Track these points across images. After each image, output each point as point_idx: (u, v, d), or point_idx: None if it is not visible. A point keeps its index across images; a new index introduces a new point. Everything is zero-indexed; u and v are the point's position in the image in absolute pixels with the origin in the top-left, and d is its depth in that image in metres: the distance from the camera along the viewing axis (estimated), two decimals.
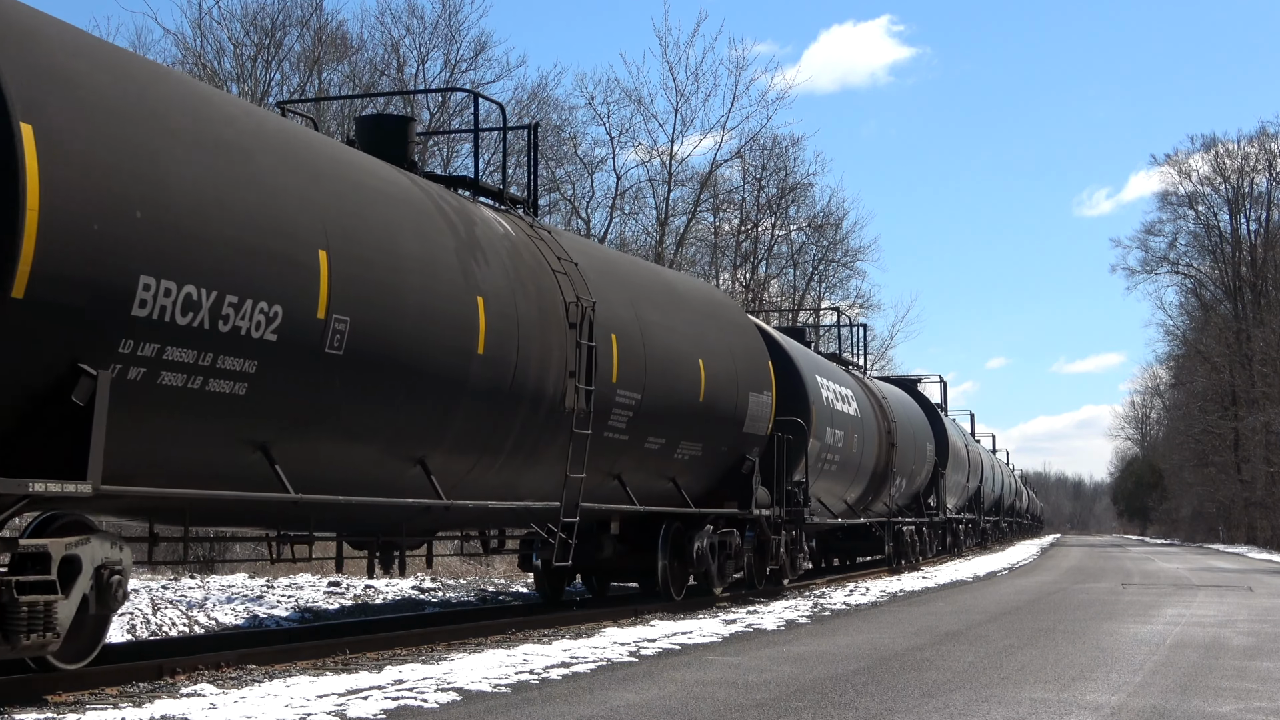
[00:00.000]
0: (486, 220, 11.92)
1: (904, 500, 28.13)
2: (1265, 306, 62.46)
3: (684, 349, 14.95)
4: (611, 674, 9.45)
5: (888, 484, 25.65)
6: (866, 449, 23.25)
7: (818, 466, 20.09)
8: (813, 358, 21.80)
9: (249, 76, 33.12)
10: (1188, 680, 9.46)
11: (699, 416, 15.11)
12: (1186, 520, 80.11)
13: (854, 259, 49.55)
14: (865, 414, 23.44)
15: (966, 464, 37.76)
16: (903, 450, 26.36)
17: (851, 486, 23.23)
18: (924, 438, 29.55)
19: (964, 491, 38.09)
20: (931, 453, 30.31)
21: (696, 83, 56.36)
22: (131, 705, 7.64)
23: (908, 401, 29.77)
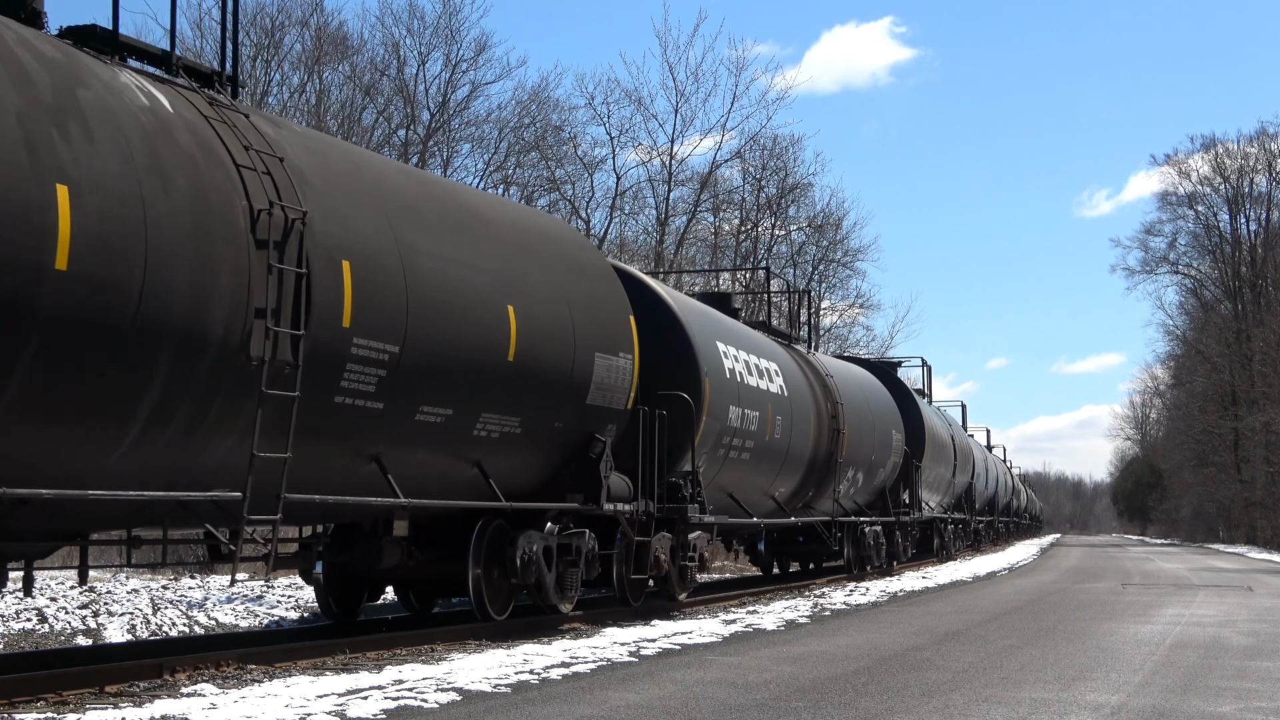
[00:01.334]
0: (111, 85, 8.31)
1: (866, 496, 24.67)
2: (1265, 306, 62.47)
3: (481, 289, 11.19)
4: (611, 674, 9.45)
5: (834, 477, 21.78)
6: (798, 434, 19.49)
7: (718, 453, 16.42)
8: (715, 320, 17.54)
9: (249, 77, 33.12)
10: (1188, 680, 9.46)
11: (509, 381, 11.37)
12: (1186, 520, 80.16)
13: (854, 259, 49.55)
14: (796, 393, 19.72)
15: (952, 458, 34.18)
16: (856, 438, 22.60)
17: (780, 479, 19.46)
18: (889, 425, 25.62)
19: (949, 488, 34.52)
20: (900, 443, 26.44)
21: (696, 83, 56.45)
22: (131, 705, 7.64)
23: (869, 383, 25.66)
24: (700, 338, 15.76)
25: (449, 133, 36.69)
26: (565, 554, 12.95)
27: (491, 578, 12.23)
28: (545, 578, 12.59)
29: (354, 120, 35.39)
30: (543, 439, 12.34)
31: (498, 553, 12.23)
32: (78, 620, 13.64)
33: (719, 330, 17.12)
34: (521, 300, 11.68)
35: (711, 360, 15.96)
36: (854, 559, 23.60)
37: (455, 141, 37.25)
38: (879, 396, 25.69)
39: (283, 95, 34.24)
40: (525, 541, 12.29)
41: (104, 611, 14.00)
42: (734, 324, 18.75)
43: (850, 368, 25.68)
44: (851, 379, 24.10)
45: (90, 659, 9.97)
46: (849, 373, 24.56)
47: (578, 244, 14.22)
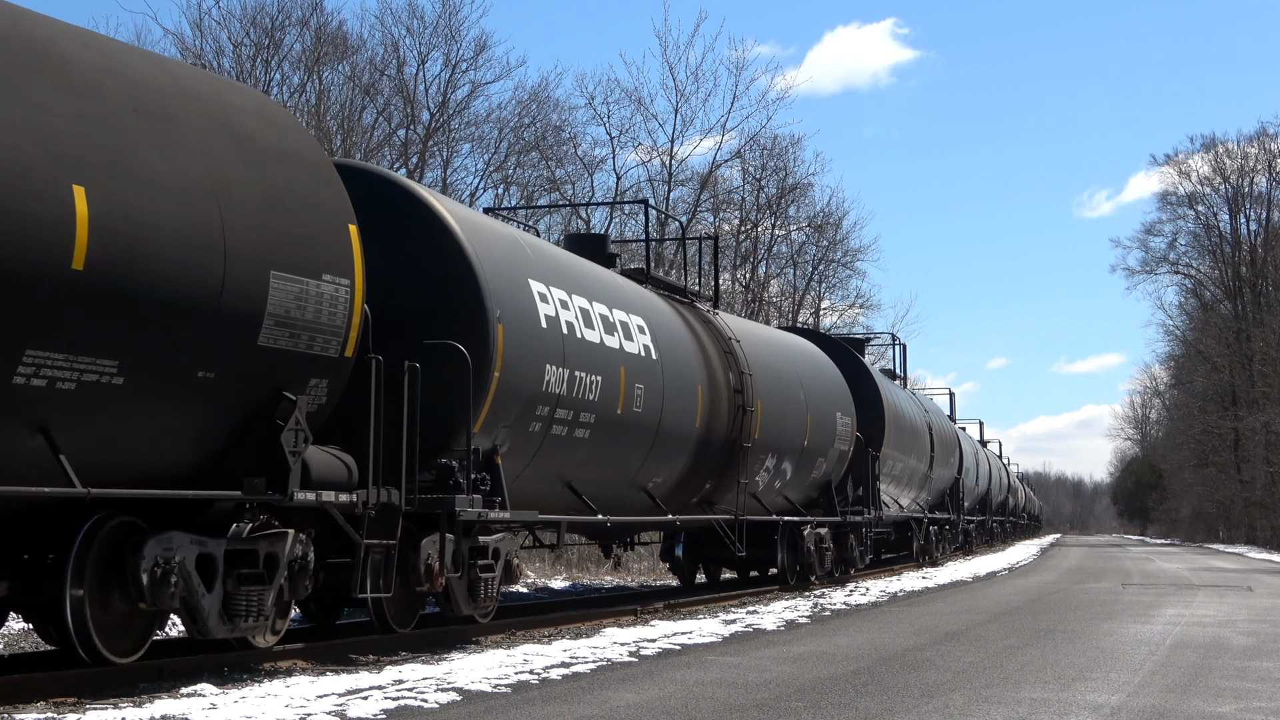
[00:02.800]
0: None
1: (802, 492, 20.39)
2: (1265, 306, 62.49)
3: (18, 158, 7.33)
4: (611, 674, 9.45)
5: (741, 466, 17.27)
6: (675, 409, 15.03)
7: (531, 428, 12.03)
8: (535, 253, 13.00)
9: (249, 77, 33.12)
10: (1188, 680, 9.46)
11: (84, 300, 7.52)
12: (1186, 520, 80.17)
13: (854, 259, 49.53)
14: (674, 357, 15.25)
15: (928, 449, 29.62)
16: (775, 419, 18.24)
17: (651, 466, 14.91)
18: (832, 406, 20.97)
19: (926, 483, 30.17)
20: (850, 428, 21.84)
21: (696, 83, 56.34)
22: (131, 705, 7.64)
23: (804, 356, 21.00)
24: (493, 269, 11.46)
25: (449, 133, 36.67)
26: (243, 564, 9.15)
27: (108, 603, 8.44)
28: (200, 600, 8.77)
29: (354, 120, 35.38)
30: (175, 396, 8.30)
31: (116, 567, 8.43)
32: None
33: (538, 266, 12.60)
34: (103, 181, 7.67)
35: (513, 301, 11.65)
36: (789, 567, 19.71)
37: (455, 141, 37.23)
38: (818, 372, 21.13)
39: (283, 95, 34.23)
40: (157, 548, 8.44)
41: None
42: (580, 264, 14.23)
43: (776, 335, 21.08)
44: (773, 348, 19.51)
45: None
46: (770, 341, 19.91)
47: (262, 117, 9.52)
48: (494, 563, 11.79)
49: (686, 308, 17.27)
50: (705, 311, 17.80)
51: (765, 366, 18.28)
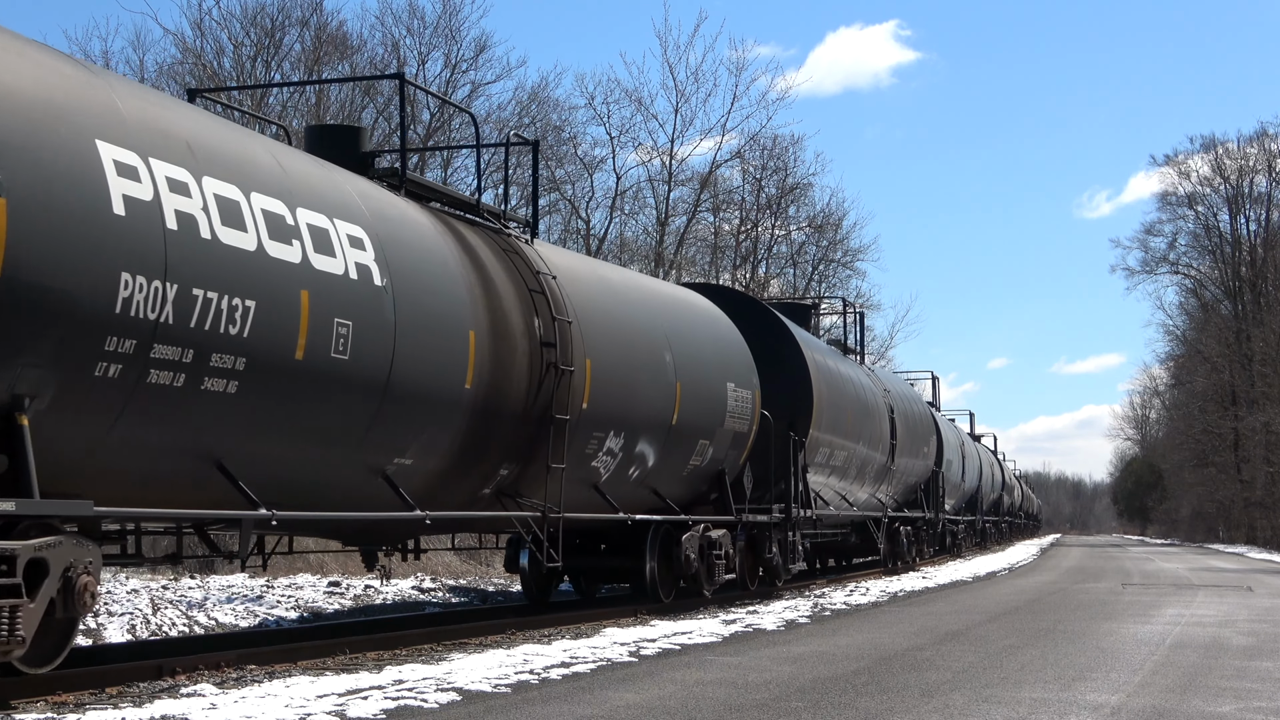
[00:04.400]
0: None
1: (679, 485, 15.75)
2: (1265, 306, 62.49)
3: None
4: (611, 674, 9.45)
5: (555, 445, 12.50)
6: (422, 360, 10.57)
7: (76, 370, 7.68)
8: (110, 94, 8.33)
9: (249, 77, 33.13)
10: (1188, 680, 9.47)
11: None
12: (1186, 520, 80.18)
13: (854, 259, 49.51)
14: (423, 284, 10.76)
15: (886, 434, 24.58)
16: (617, 383, 13.68)
17: (376, 442, 10.37)
18: (719, 373, 16.14)
19: (887, 476, 25.40)
20: (747, 402, 16.78)
21: (697, 83, 56.33)
22: (131, 705, 7.64)
23: (683, 309, 16.24)
24: None
25: (449, 133, 36.68)
26: None
27: None
28: None
29: (354, 120, 35.36)
30: None
31: None
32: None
33: (133, 129, 8.27)
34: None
35: (43, 164, 7.45)
36: (660, 579, 15.47)
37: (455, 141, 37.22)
38: (701, 331, 16.22)
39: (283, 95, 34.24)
40: None
41: (104, 611, 13.99)
42: (247, 147, 9.58)
43: (629, 278, 16.22)
44: (620, 294, 14.70)
45: (90, 659, 9.97)
46: (616, 284, 14.95)
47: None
48: (21, 583, 7.22)
49: (477, 231, 12.37)
50: (513, 238, 12.93)
51: (603, 315, 13.69)
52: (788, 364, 19.02)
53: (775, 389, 18.11)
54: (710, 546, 16.11)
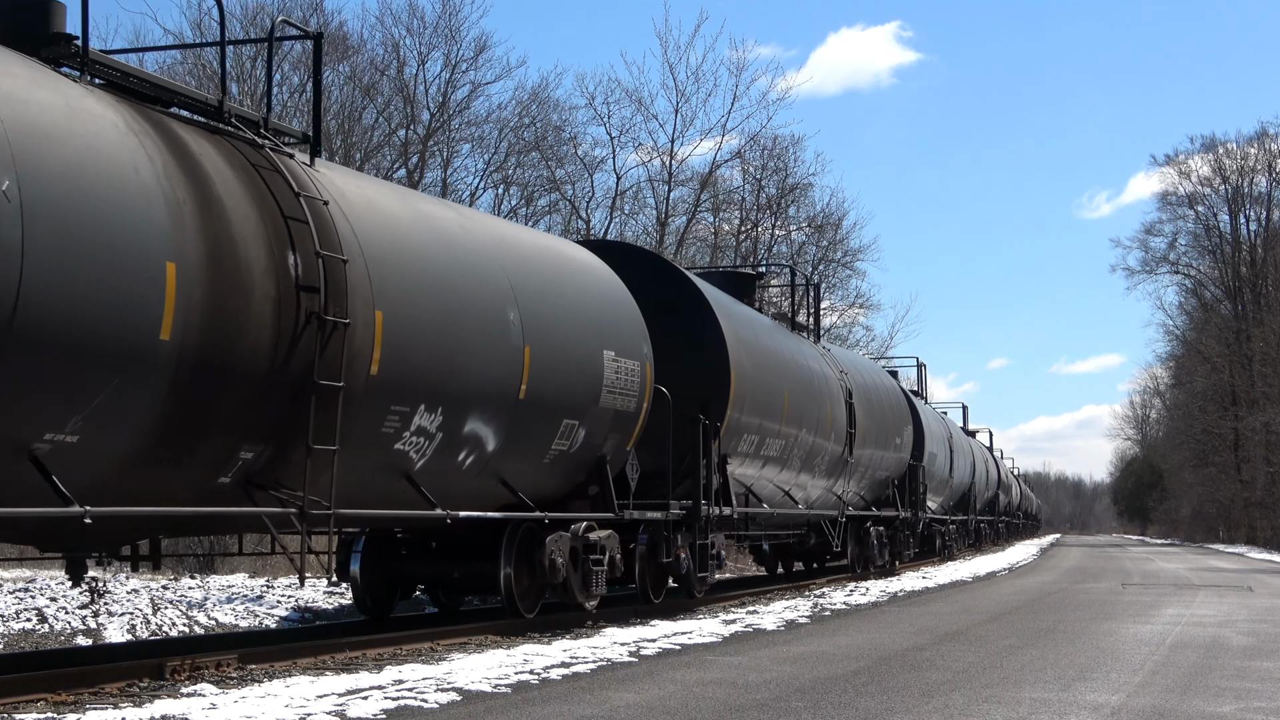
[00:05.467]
0: None
1: (547, 477, 12.89)
2: (1265, 306, 62.50)
3: None
4: (611, 674, 9.45)
5: (313, 419, 9.39)
6: (77, 297, 7.63)
7: None
8: None
9: (249, 76, 33.14)
10: (1188, 680, 9.47)
11: None
12: (1186, 520, 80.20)
13: (854, 259, 49.47)
14: (80, 194, 7.76)
15: (843, 422, 21.63)
16: (429, 342, 10.67)
17: None
18: (595, 337, 13.27)
19: (848, 470, 22.19)
20: (634, 374, 13.77)
21: (697, 83, 56.21)
22: (131, 705, 7.64)
23: (538, 257, 13.11)
24: None
25: (449, 133, 36.71)
26: None
27: None
28: None
29: (354, 120, 35.40)
30: None
31: None
32: (78, 620, 13.64)
33: None
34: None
35: None
36: (520, 592, 12.70)
37: (455, 142, 37.27)
38: (565, 287, 13.21)
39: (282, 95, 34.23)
40: None
41: (104, 611, 14.00)
42: None
43: (467, 218, 12.58)
44: (450, 235, 11.55)
45: (90, 659, 9.97)
46: (447, 222, 11.78)
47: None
48: None
49: (216, 140, 9.47)
50: (272, 152, 9.89)
51: (408, 257, 10.65)
52: (701, 335, 15.94)
53: (684, 364, 15.26)
54: (588, 550, 13.26)
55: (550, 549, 12.65)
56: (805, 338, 22.21)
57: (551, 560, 12.64)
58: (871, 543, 24.38)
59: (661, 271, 16.34)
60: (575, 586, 13.13)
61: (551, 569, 12.65)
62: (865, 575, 23.94)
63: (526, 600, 12.81)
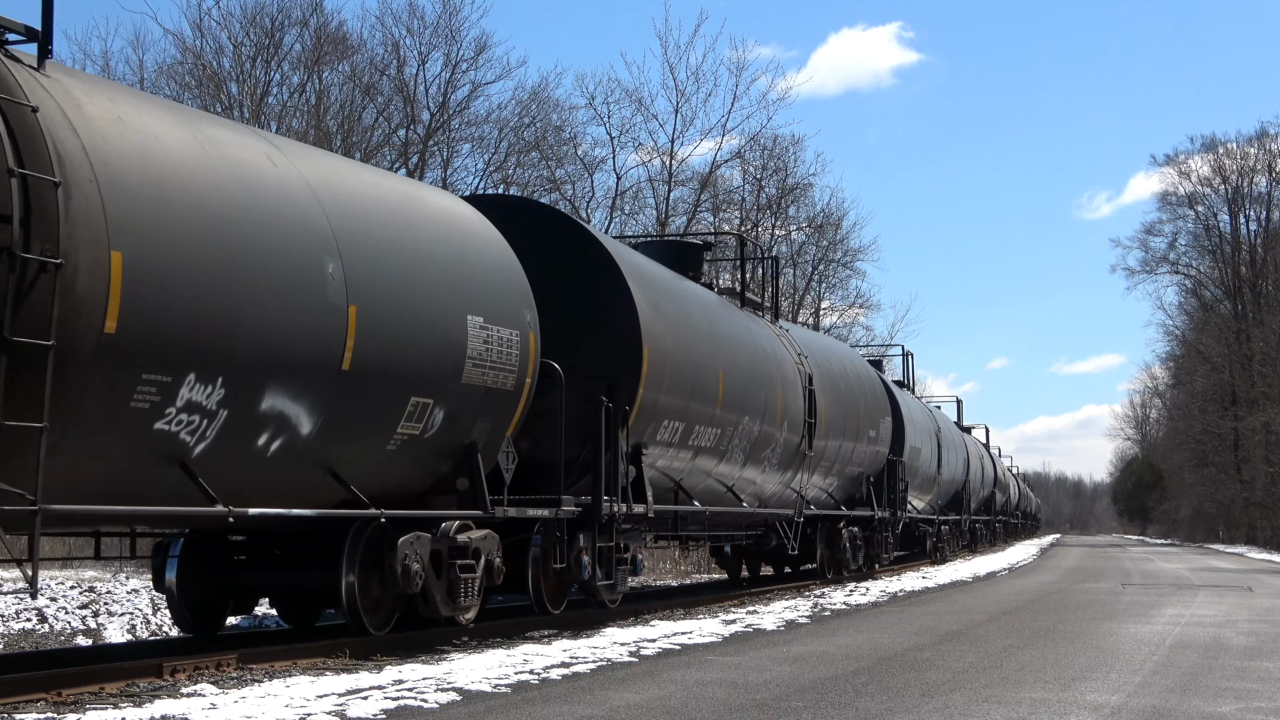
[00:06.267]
0: None
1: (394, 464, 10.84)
2: (1265, 306, 62.57)
3: None
4: (611, 674, 9.45)
5: None
6: None
7: None
8: None
9: (248, 76, 33.16)
10: (1188, 680, 9.47)
11: None
12: (1186, 520, 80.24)
13: (854, 259, 49.49)
14: None
15: (799, 406, 19.00)
16: (176, 287, 8.27)
17: None
18: (452, 297, 11.02)
19: (808, 464, 19.75)
20: (513, 341, 11.65)
21: (697, 83, 56.20)
22: (131, 705, 7.64)
23: (381, 199, 10.77)
24: None
25: (449, 133, 36.70)
26: None
27: None
28: None
29: (354, 120, 35.40)
30: None
31: None
32: (78, 620, 13.65)
33: None
34: None
35: None
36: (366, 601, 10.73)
37: (455, 141, 37.26)
38: (431, 240, 11.10)
39: (282, 95, 34.26)
40: None
41: (104, 611, 14.01)
42: None
43: (279, 147, 10.08)
44: (241, 166, 9.24)
45: (90, 659, 9.97)
46: (244, 152, 9.44)
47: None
48: None
49: None
50: None
51: (172, 188, 8.45)
52: (608, 304, 13.54)
53: (585, 337, 13.43)
54: (456, 554, 11.19)
55: (403, 553, 10.60)
56: (761, 316, 19.78)
57: (404, 566, 10.59)
58: (843, 545, 22.34)
59: (561, 230, 13.90)
60: (437, 597, 11.03)
61: (404, 576, 10.60)
62: (838, 580, 21.98)
63: (377, 614, 10.81)
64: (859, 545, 23.16)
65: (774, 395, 17.92)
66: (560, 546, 12.75)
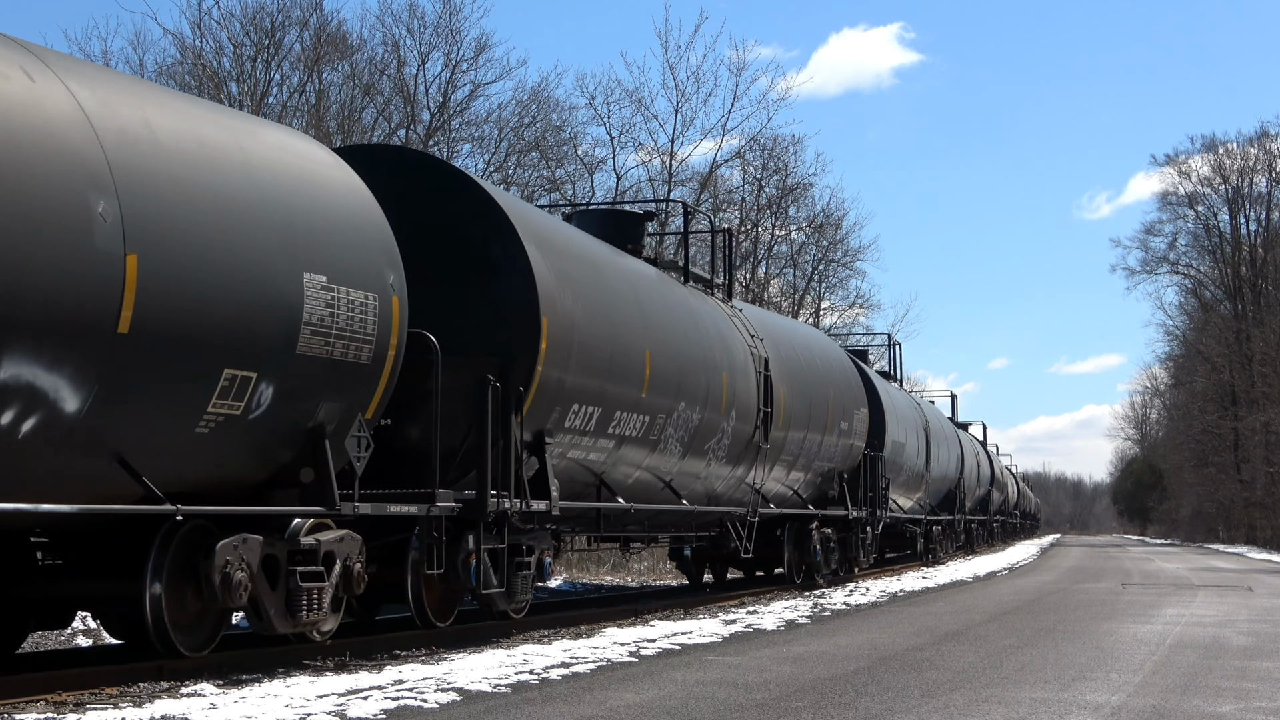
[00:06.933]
0: None
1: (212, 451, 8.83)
2: (1265, 306, 62.55)
3: None
4: (611, 674, 9.45)
5: None
6: None
7: None
8: None
9: (249, 76, 33.16)
10: (1188, 680, 9.47)
11: None
12: (1186, 520, 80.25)
13: (854, 259, 49.50)
14: None
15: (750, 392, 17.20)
16: None
17: None
18: (271, 232, 8.97)
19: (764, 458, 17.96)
20: (355, 304, 9.45)
21: (697, 83, 56.20)
22: (131, 705, 7.64)
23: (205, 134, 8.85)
24: None
25: (449, 133, 36.68)
26: None
27: None
28: None
29: (354, 120, 35.39)
30: None
31: None
32: (78, 620, 13.63)
33: None
34: None
35: None
36: (165, 616, 8.78)
37: (455, 141, 37.23)
38: (249, 181, 9.02)
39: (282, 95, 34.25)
40: None
41: None
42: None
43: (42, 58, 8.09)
44: None
45: (90, 659, 9.97)
46: None
47: None
48: None
49: None
50: None
51: None
52: (499, 268, 11.75)
53: (471, 306, 11.67)
54: (299, 560, 9.38)
55: (222, 559, 8.72)
56: (711, 294, 17.86)
57: (224, 575, 8.72)
58: (813, 547, 20.43)
59: (448, 185, 12.01)
60: (271, 612, 9.20)
61: (224, 587, 8.72)
62: (808, 586, 20.33)
63: (193, 632, 9.06)
64: (832, 548, 21.42)
65: (718, 379, 16.04)
66: (438, 549, 10.67)
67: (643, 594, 19.95)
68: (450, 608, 11.88)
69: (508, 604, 12.15)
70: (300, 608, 9.38)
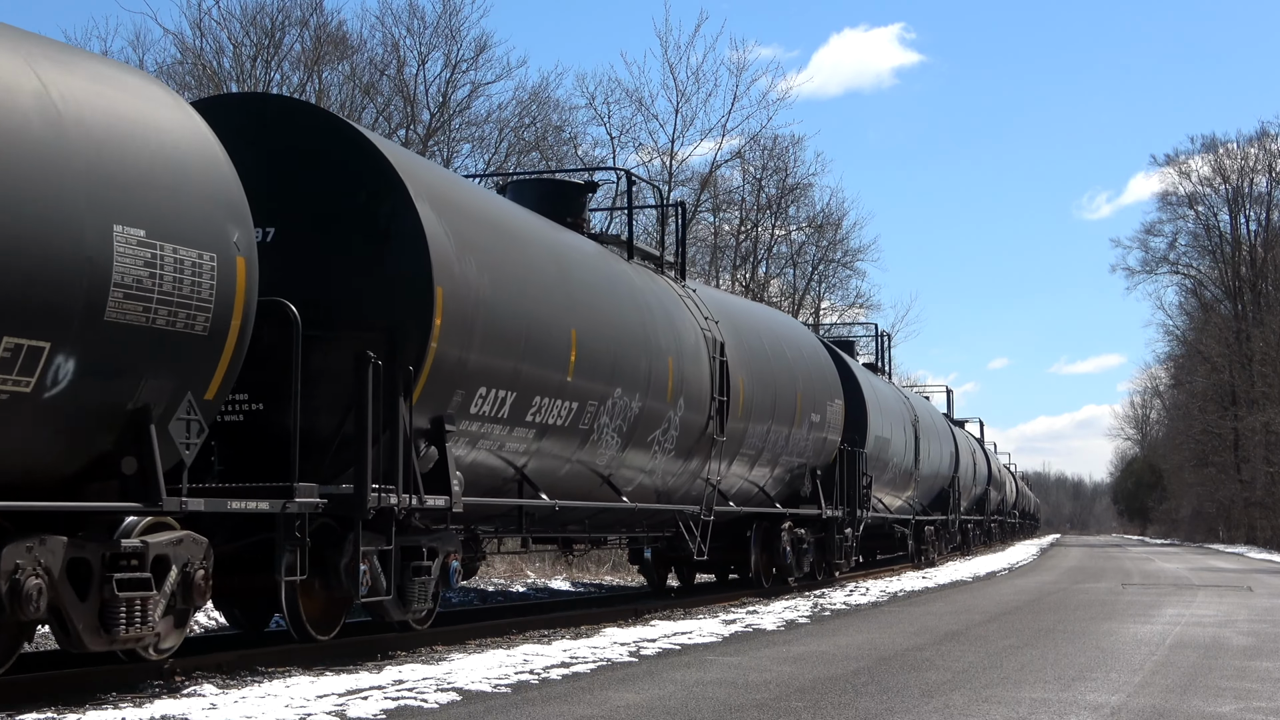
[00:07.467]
0: None
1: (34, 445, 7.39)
2: (1265, 306, 62.56)
3: None
4: (611, 674, 9.45)
5: None
6: None
7: None
8: None
9: (249, 76, 33.15)
10: (1188, 680, 9.47)
11: None
12: (1186, 520, 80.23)
13: (854, 259, 49.46)
14: None
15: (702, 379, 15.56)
16: None
17: None
18: (65, 176, 7.22)
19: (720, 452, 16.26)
20: (182, 263, 7.81)
21: (697, 83, 56.21)
22: (131, 705, 7.64)
23: None
24: None
25: (449, 133, 36.68)
26: None
27: None
28: None
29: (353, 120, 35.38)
30: None
31: None
32: None
33: None
34: None
35: None
36: None
37: (455, 141, 37.22)
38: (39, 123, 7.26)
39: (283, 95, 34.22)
40: None
41: None
42: None
43: None
44: None
45: (91, 659, 9.96)
46: None
47: None
48: None
49: None
50: None
51: None
52: (387, 233, 10.17)
53: (358, 275, 10.12)
54: (119, 566, 7.84)
55: (11, 564, 7.18)
56: (661, 273, 16.39)
57: (13, 583, 7.17)
58: (783, 549, 18.80)
59: (327, 136, 10.43)
60: (80, 626, 7.66)
61: (13, 596, 7.16)
62: (778, 591, 18.86)
63: None
64: (805, 549, 19.85)
65: (663, 364, 14.50)
66: (302, 552, 9.26)
67: (588, 599, 18.72)
68: (335, 618, 10.57)
69: (402, 613, 10.69)
70: (118, 621, 7.76)
